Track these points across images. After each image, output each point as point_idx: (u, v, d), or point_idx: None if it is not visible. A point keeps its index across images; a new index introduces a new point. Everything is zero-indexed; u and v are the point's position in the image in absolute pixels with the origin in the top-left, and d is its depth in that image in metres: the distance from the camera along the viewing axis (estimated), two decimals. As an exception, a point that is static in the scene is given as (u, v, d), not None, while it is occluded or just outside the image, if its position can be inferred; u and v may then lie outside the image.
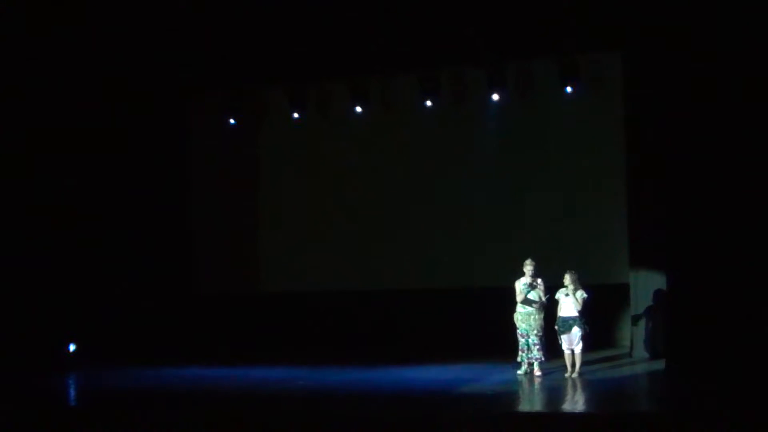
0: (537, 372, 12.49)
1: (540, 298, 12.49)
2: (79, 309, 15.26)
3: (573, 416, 9.99)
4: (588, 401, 10.99)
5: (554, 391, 11.54)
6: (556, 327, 12.50)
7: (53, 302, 14.97)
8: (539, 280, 12.53)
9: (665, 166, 13.06)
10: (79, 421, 10.70)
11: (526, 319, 12.54)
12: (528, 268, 12.51)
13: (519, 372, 12.67)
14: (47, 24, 14.75)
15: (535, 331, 12.48)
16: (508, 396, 11.38)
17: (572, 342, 12.37)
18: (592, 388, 11.69)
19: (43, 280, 14.93)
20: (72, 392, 13.15)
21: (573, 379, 12.23)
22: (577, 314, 12.36)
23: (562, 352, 12.56)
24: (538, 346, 12.47)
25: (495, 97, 15.36)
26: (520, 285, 12.56)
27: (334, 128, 16.60)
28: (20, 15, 14.44)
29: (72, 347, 15.03)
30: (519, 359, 12.69)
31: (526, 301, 12.49)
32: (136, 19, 15.03)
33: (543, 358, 12.52)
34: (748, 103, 12.29)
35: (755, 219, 12.22)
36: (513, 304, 12.68)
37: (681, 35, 12.74)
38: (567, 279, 12.43)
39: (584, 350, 12.46)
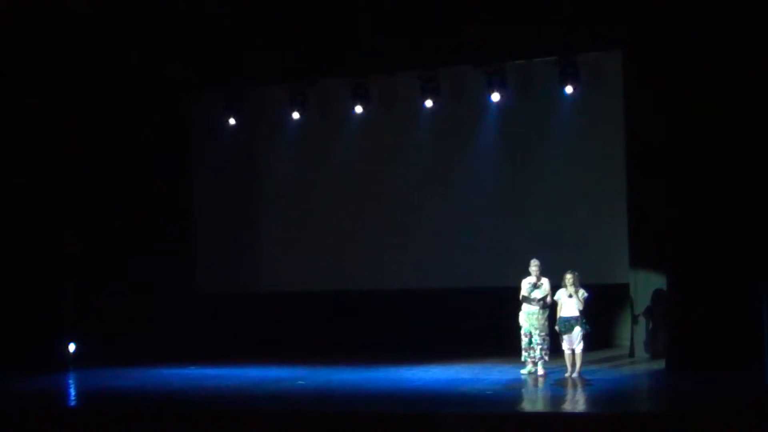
0: (540, 371, 12.52)
1: (544, 296, 12.50)
2: (80, 308, 15.25)
3: (573, 416, 10.00)
4: (588, 401, 11.00)
5: (554, 391, 11.56)
6: (557, 328, 12.50)
7: (53, 301, 14.94)
8: (545, 280, 12.56)
9: (665, 166, 13.05)
10: (79, 421, 10.70)
11: (529, 319, 12.57)
12: (533, 267, 12.54)
13: (522, 371, 12.70)
14: (47, 23, 14.73)
15: (539, 331, 12.51)
16: (508, 396, 11.40)
17: (573, 342, 12.37)
18: (592, 388, 11.70)
19: (44, 280, 14.90)
20: (72, 392, 13.15)
21: (573, 379, 12.24)
22: (578, 314, 12.37)
23: (562, 352, 12.57)
24: (541, 346, 12.50)
25: (495, 97, 15.34)
26: (526, 284, 12.59)
27: (334, 128, 16.58)
28: (20, 13, 14.43)
29: (72, 347, 15.01)
30: (523, 359, 12.71)
31: (528, 300, 12.51)
32: (137, 18, 15.02)
33: (546, 358, 12.55)
34: (749, 103, 12.28)
35: (755, 218, 12.21)
36: (514, 303, 12.71)
37: (681, 35, 12.74)
38: (567, 279, 12.43)
39: (584, 350, 12.47)
